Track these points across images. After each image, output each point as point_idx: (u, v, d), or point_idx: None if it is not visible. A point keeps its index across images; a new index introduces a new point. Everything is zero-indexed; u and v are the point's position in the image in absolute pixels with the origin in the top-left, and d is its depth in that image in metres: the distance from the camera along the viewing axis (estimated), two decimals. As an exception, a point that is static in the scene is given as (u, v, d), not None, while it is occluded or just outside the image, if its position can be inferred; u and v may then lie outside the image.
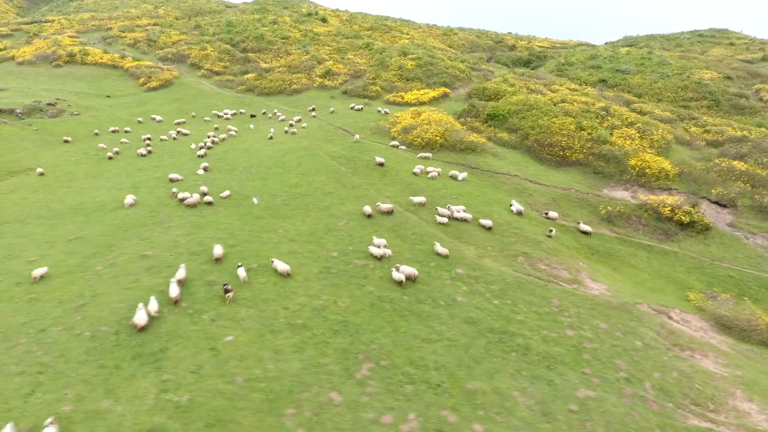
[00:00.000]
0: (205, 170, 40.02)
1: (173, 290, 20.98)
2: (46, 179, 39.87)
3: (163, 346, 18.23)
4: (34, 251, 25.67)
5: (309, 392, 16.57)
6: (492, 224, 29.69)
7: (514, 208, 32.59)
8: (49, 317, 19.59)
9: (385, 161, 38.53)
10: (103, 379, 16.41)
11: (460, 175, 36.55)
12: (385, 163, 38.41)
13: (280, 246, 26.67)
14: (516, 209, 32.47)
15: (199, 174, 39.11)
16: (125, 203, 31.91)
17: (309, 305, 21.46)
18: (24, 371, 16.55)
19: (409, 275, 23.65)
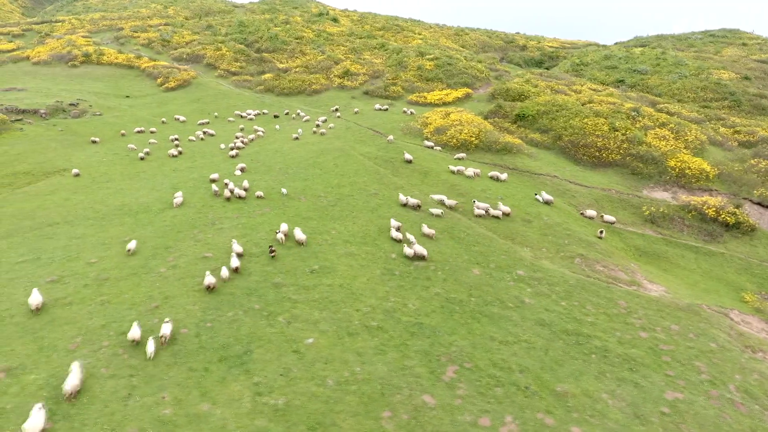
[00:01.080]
0: (242, 171, 39.93)
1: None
2: (82, 180, 39.75)
3: (246, 348, 18.18)
4: (91, 253, 25.57)
5: (401, 395, 16.53)
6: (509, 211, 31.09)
7: (541, 198, 33.05)
8: (126, 319, 19.50)
9: (425, 162, 38.50)
10: (195, 382, 16.35)
11: (502, 176, 36.56)
12: (423, 163, 38.38)
13: (336, 247, 26.62)
14: (544, 199, 33.18)
15: (236, 175, 39.00)
16: (174, 202, 31.90)
17: (380, 307, 21.42)
18: (115, 374, 16.48)
19: (419, 253, 25.30)
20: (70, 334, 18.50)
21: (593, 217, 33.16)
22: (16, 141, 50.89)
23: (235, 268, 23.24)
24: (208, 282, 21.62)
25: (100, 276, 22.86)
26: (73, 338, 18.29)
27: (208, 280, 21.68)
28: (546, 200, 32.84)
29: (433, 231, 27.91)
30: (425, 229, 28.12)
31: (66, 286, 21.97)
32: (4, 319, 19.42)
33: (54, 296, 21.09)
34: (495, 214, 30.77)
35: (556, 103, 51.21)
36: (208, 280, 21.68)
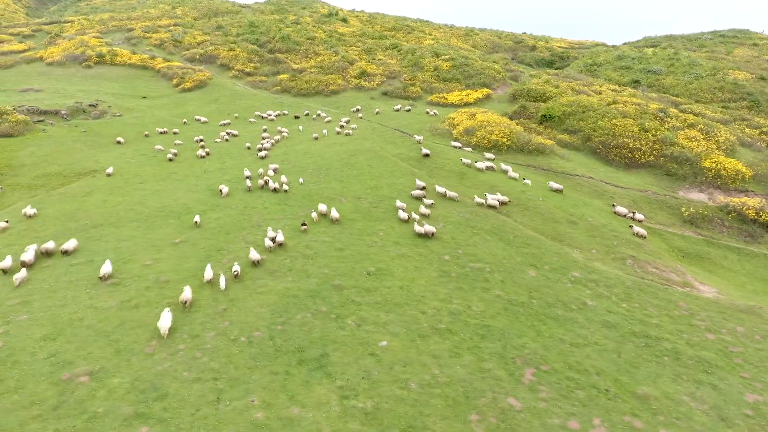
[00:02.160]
0: (275, 172, 39.91)
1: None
2: (115, 181, 39.59)
3: (322, 351, 18.13)
4: (144, 255, 25.50)
5: (485, 398, 16.49)
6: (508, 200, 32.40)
7: (552, 185, 35.34)
8: (197, 322, 19.46)
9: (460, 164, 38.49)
10: (280, 386, 16.30)
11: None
12: (460, 165, 38.36)
13: (386, 249, 26.59)
14: (555, 187, 35.08)
15: (270, 176, 38.99)
16: (222, 192, 33.87)
17: (444, 309, 21.39)
18: (199, 378, 16.42)
19: (429, 232, 27.50)
20: (144, 337, 18.44)
21: (624, 214, 33.31)
22: (41, 142, 50.76)
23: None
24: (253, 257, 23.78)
25: (160, 278, 22.80)
26: (147, 341, 18.23)
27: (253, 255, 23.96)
28: (557, 189, 34.68)
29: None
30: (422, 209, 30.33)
31: (128, 289, 21.91)
32: (74, 322, 19.35)
33: (118, 299, 21.03)
34: (492, 203, 31.63)
35: (581, 104, 51.22)
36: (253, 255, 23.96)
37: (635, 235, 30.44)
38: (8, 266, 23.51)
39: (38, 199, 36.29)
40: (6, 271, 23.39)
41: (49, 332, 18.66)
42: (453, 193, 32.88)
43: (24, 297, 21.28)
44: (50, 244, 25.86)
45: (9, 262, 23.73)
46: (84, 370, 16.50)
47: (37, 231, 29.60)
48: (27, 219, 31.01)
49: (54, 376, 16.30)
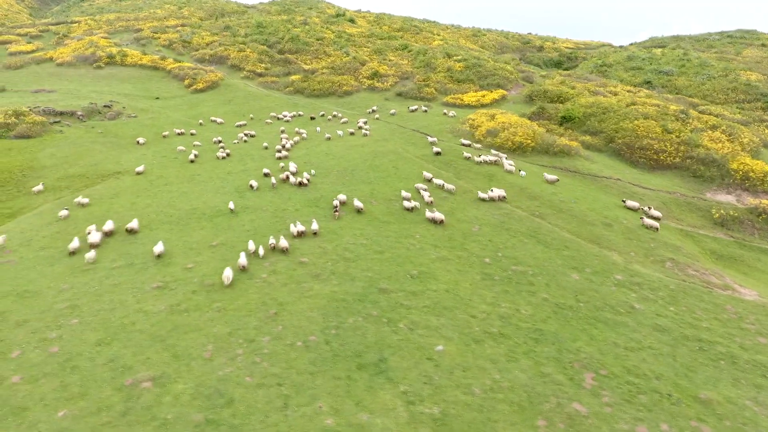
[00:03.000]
0: (308, 182, 39.67)
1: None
2: (140, 183, 39.40)
3: (380, 356, 18.03)
4: (183, 258, 25.37)
5: (549, 403, 16.39)
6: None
7: (547, 177, 36.06)
8: (250, 327, 19.34)
9: (486, 165, 38.38)
10: (345, 391, 16.19)
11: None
12: (485, 166, 38.26)
13: (425, 252, 26.49)
14: (549, 179, 36.13)
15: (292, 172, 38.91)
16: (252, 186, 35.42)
17: (494, 313, 21.29)
18: (262, 383, 16.31)
19: (437, 218, 29.27)
20: (200, 342, 18.32)
21: (636, 208, 33.48)
22: (59, 143, 50.57)
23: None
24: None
25: (205, 282, 22.68)
26: (203, 346, 18.11)
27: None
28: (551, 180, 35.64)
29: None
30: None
31: (174, 293, 21.78)
32: (126, 327, 19.23)
33: (166, 303, 20.90)
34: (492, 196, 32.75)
35: (600, 105, 51.17)
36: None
37: (645, 227, 30.91)
38: (76, 247, 26.17)
39: (64, 201, 36.14)
40: (74, 252, 25.93)
41: (103, 337, 18.54)
42: (450, 186, 34.18)
43: (71, 301, 21.16)
44: (110, 225, 28.93)
45: (77, 243, 26.44)
46: (146, 376, 16.38)
47: (70, 233, 29.45)
48: (60, 221, 30.88)
49: (116, 381, 16.18)
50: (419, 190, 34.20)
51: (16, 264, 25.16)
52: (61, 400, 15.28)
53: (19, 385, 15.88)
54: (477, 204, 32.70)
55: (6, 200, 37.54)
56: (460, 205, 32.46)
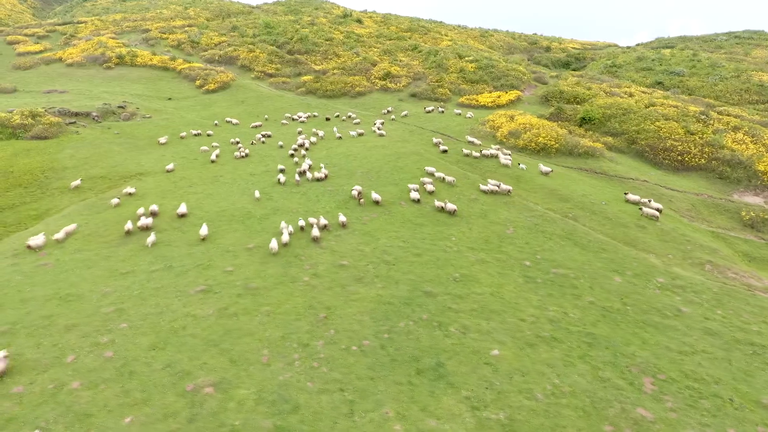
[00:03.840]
0: (326, 176, 39.58)
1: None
2: (164, 184, 39.20)
3: (437, 360, 17.88)
4: (222, 261, 25.19)
5: (613, 408, 16.25)
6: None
7: (542, 168, 37.55)
8: (302, 331, 19.19)
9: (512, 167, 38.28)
10: (408, 396, 16.05)
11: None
12: (512, 167, 38.16)
13: (463, 254, 26.35)
14: (544, 170, 37.30)
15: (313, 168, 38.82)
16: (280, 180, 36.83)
17: (542, 316, 21.16)
18: (325, 389, 16.15)
19: (449, 208, 30.79)
20: (254, 347, 18.15)
21: (636, 201, 33.84)
22: (77, 144, 50.37)
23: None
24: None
25: (248, 285, 22.52)
26: (259, 350, 17.95)
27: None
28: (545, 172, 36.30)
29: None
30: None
31: (220, 296, 21.61)
32: (177, 331, 19.06)
33: (213, 307, 20.74)
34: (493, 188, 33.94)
35: (620, 107, 51.08)
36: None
37: (645, 217, 31.57)
38: (130, 228, 28.73)
39: (89, 203, 35.95)
40: (129, 232, 28.67)
41: (156, 341, 18.37)
42: (450, 178, 35.61)
43: (116, 305, 20.98)
44: (154, 207, 31.84)
45: (129, 225, 28.89)
46: (206, 381, 16.21)
47: (101, 235, 29.29)
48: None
49: (177, 387, 16.01)
50: (425, 183, 35.39)
51: (53, 267, 24.98)
52: (125, 406, 15.11)
53: (79, 391, 15.70)
54: (507, 206, 32.58)
55: (31, 201, 37.36)
56: (492, 207, 32.33)
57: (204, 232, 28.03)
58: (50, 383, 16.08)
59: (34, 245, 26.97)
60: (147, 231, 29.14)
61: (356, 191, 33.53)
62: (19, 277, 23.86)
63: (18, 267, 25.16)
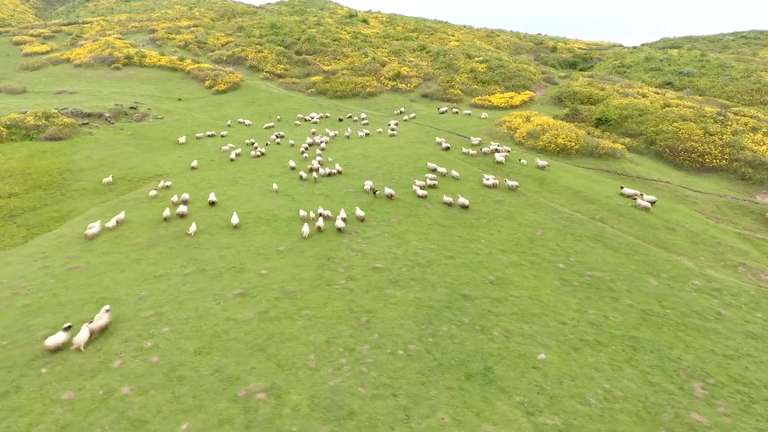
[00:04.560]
0: (339, 171, 39.59)
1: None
2: (185, 186, 38.93)
3: (484, 365, 17.76)
4: (254, 264, 25.04)
5: (667, 413, 16.13)
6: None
7: (539, 162, 38.45)
8: (345, 335, 19.05)
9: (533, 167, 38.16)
10: (461, 402, 15.91)
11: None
12: (535, 169, 38.04)
13: (494, 257, 26.24)
14: (540, 164, 38.34)
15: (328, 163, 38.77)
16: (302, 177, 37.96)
17: (582, 320, 21.04)
18: (377, 394, 16.02)
19: (463, 203, 31.92)
20: (300, 351, 18.01)
21: (631, 195, 34.45)
22: (91, 145, 50.20)
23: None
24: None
25: (285, 288, 22.38)
26: (305, 355, 17.80)
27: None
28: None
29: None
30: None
31: (258, 300, 21.46)
32: (220, 335, 18.91)
33: (253, 311, 20.59)
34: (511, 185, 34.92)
35: (636, 107, 50.97)
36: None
37: (637, 208, 32.70)
38: (167, 215, 30.86)
39: (111, 204, 35.80)
40: (167, 218, 30.63)
41: (200, 346, 18.22)
42: (455, 173, 37.47)
43: (155, 308, 20.83)
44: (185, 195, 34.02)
45: (168, 212, 30.89)
46: (257, 387, 16.07)
47: (128, 238, 29.14)
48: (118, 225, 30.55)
49: (227, 392, 15.87)
50: (427, 177, 36.65)
51: (85, 270, 24.82)
52: (179, 412, 14.96)
53: (130, 397, 15.55)
54: (534, 208, 32.48)
55: (52, 203, 37.20)
56: (518, 209, 32.23)
57: (235, 221, 29.51)
58: (99, 389, 15.93)
59: (91, 234, 28.88)
60: (184, 218, 31.13)
61: (368, 185, 35.07)
62: (52, 280, 23.71)
63: (49, 270, 25.02)
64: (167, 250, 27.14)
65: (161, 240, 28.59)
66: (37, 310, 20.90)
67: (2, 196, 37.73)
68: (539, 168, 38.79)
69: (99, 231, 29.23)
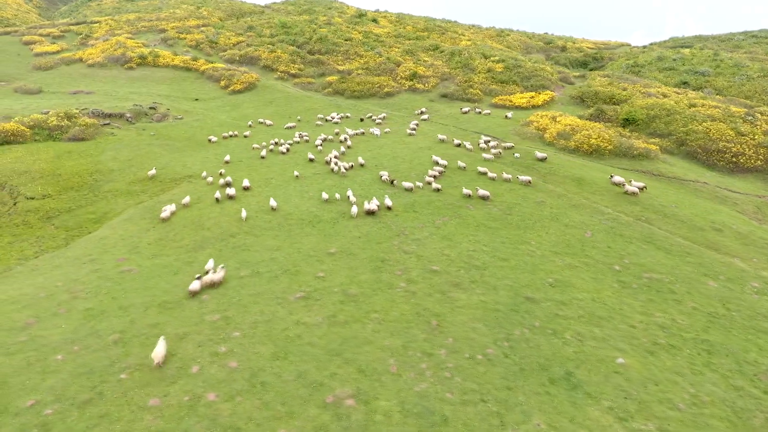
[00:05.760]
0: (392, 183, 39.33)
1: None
2: (217, 186, 38.63)
3: (565, 369, 17.58)
4: (308, 266, 24.81)
5: (758, 418, 15.97)
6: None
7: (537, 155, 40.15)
8: (419, 339, 18.85)
9: (574, 169, 37.99)
10: (552, 407, 15.73)
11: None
12: (574, 170, 37.88)
13: (548, 259, 26.07)
14: (539, 156, 40.10)
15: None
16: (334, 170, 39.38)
17: (651, 323, 20.88)
18: (466, 399, 15.81)
19: (483, 195, 33.05)
20: (377, 356, 17.80)
21: (620, 182, 35.35)
22: (115, 146, 49.89)
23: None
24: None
25: (347, 291, 22.18)
26: (384, 360, 17.60)
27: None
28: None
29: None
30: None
31: (322, 303, 21.25)
32: (293, 339, 18.70)
33: (321, 314, 20.38)
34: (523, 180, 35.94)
35: (662, 107, 50.86)
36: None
37: (627, 194, 34.17)
38: (218, 197, 34.47)
39: (147, 206, 35.55)
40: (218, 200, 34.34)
41: (276, 351, 18.01)
42: (462, 164, 38.71)
43: (220, 312, 20.61)
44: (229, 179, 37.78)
45: (218, 194, 34.17)
46: (344, 393, 15.86)
47: (173, 240, 28.91)
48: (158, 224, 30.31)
49: (315, 398, 15.66)
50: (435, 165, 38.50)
51: (139, 273, 24.58)
52: (271, 419, 14.75)
53: (218, 404, 15.33)
54: (577, 209, 32.31)
55: (86, 205, 36.94)
56: (561, 210, 32.05)
57: (273, 204, 32.24)
58: (184, 395, 15.70)
59: (166, 216, 31.84)
60: (233, 200, 34.87)
61: (385, 176, 37.13)
62: (107, 283, 23.47)
63: (101, 272, 24.78)
64: (216, 252, 26.91)
65: (208, 242, 28.36)
66: (101, 314, 20.67)
67: (36, 198, 37.47)
68: (539, 160, 39.90)
69: (171, 214, 32.31)
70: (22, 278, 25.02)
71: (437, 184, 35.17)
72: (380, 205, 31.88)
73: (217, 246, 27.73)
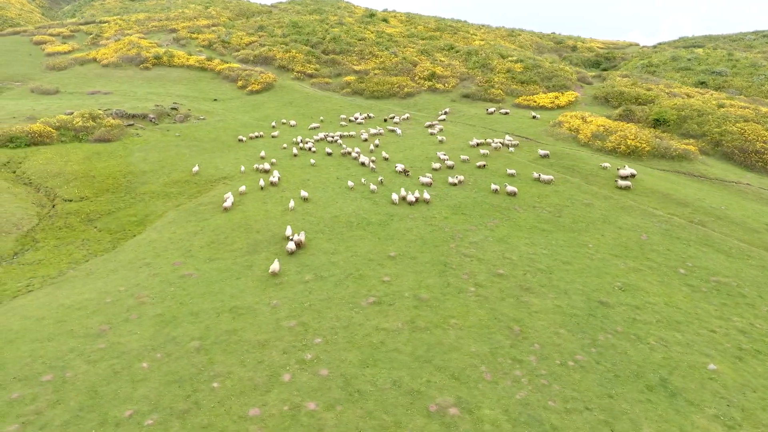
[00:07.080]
0: (406, 174, 39.36)
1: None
2: (257, 192, 38.21)
3: (660, 376, 17.31)
4: (369, 270, 24.48)
5: None
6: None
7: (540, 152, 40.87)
8: (505, 345, 18.56)
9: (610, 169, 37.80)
10: (658, 416, 15.45)
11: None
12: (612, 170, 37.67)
13: (610, 261, 25.80)
14: (542, 153, 40.79)
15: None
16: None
17: (730, 327, 20.64)
18: (569, 408, 15.51)
19: (511, 191, 33.91)
20: (468, 363, 17.51)
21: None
22: (143, 147, 49.47)
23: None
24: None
25: (418, 296, 21.88)
26: (475, 367, 17.32)
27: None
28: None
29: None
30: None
31: (396, 308, 20.94)
32: (377, 346, 18.37)
33: (399, 319, 20.06)
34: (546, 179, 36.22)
35: (693, 108, 50.67)
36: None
37: (621, 177, 35.98)
38: (262, 185, 37.40)
39: (188, 208, 35.19)
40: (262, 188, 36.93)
41: (363, 357, 17.70)
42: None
43: (295, 318, 20.29)
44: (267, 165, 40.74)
45: (262, 183, 37.28)
46: (446, 402, 15.57)
47: (224, 243, 28.54)
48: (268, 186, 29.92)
49: (417, 407, 15.36)
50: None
51: (199, 278, 24.23)
52: (379, 429, 14.45)
53: (320, 413, 15.02)
54: (627, 211, 32.06)
55: (125, 207, 36.60)
56: (611, 213, 31.79)
57: (304, 194, 34.50)
58: (282, 404, 15.39)
59: (228, 206, 33.62)
60: (277, 186, 37.73)
61: (400, 167, 39.36)
62: (171, 288, 23.12)
63: (160, 277, 24.43)
64: (272, 255, 26.53)
65: (260, 245, 28.02)
66: (173, 320, 20.32)
67: (74, 200, 37.09)
68: (542, 157, 40.90)
69: (232, 204, 34.03)
70: (79, 283, 24.65)
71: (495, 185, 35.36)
72: (419, 197, 33.47)
73: (271, 249, 27.37)
